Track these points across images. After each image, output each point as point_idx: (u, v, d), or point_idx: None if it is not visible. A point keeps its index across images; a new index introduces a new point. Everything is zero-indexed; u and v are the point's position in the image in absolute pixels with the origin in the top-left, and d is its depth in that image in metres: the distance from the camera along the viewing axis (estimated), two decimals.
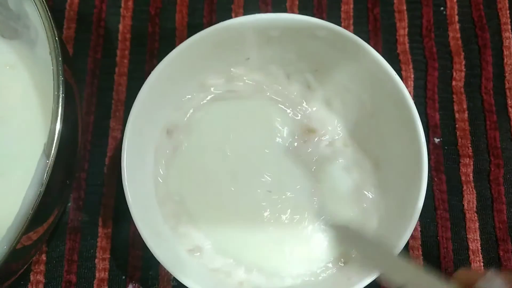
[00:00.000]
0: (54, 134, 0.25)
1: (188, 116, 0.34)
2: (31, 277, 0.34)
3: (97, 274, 0.34)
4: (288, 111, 0.34)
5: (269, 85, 0.35)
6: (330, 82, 0.34)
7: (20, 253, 0.27)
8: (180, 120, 0.34)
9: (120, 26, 0.39)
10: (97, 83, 0.38)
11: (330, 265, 0.32)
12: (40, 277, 0.34)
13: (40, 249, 0.34)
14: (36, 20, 0.28)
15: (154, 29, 0.39)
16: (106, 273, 0.34)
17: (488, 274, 0.23)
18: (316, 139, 0.34)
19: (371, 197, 0.33)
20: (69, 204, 0.35)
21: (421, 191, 0.29)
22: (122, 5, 0.39)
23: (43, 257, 0.34)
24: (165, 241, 0.31)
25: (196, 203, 0.33)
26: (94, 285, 0.34)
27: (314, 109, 0.34)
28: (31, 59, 0.32)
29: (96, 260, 0.34)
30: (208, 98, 0.35)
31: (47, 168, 0.24)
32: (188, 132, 0.34)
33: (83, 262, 0.34)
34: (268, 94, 0.35)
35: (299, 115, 0.34)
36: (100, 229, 0.35)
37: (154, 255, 0.28)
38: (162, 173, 0.33)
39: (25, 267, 0.31)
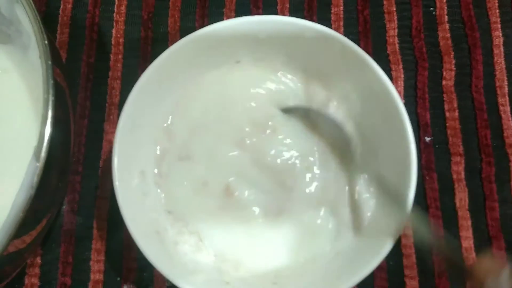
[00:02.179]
0: (44, 136, 0.25)
1: (180, 117, 0.34)
2: (26, 280, 0.34)
3: (92, 276, 0.34)
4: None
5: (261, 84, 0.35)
6: (320, 82, 0.34)
7: (14, 256, 0.27)
8: (172, 122, 0.34)
9: (113, 31, 0.39)
10: (91, 87, 0.38)
11: (319, 264, 0.32)
12: (35, 280, 0.34)
13: (34, 252, 0.34)
14: (28, 25, 0.29)
15: (146, 33, 0.39)
16: (101, 275, 0.35)
17: (504, 274, 0.24)
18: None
19: (362, 196, 0.33)
20: (64, 207, 0.35)
21: (411, 188, 0.30)
22: (115, 10, 0.40)
23: (38, 260, 0.35)
24: (157, 242, 0.31)
25: (189, 203, 0.33)
26: (89, 287, 0.34)
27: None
28: (24, 63, 0.33)
29: (91, 262, 0.35)
30: (201, 100, 0.35)
31: (37, 171, 0.24)
32: (180, 134, 0.34)
33: (78, 265, 0.35)
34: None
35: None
36: (94, 231, 0.35)
37: (145, 255, 0.29)
38: (155, 173, 0.33)
39: (18, 270, 0.31)
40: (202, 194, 0.33)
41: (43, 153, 0.25)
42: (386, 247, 0.29)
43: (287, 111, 0.34)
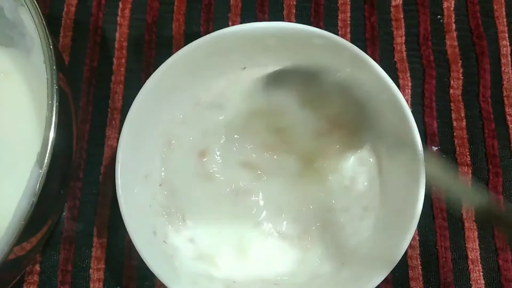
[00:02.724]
0: (48, 143, 0.24)
1: (185, 122, 0.34)
2: None
3: (91, 285, 0.34)
4: None
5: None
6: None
7: (13, 263, 0.27)
8: (178, 128, 0.34)
9: (117, 34, 0.39)
10: (93, 91, 0.37)
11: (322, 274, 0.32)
12: None
13: (33, 259, 0.33)
14: (32, 28, 0.28)
15: (150, 38, 0.39)
16: (101, 284, 0.34)
17: None
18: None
19: (369, 206, 0.33)
20: (64, 214, 0.35)
21: (419, 199, 0.29)
22: (119, 13, 0.39)
23: (37, 267, 0.34)
24: (159, 251, 0.31)
25: (194, 212, 0.33)
26: None
27: None
28: (26, 67, 0.32)
29: (91, 270, 0.34)
30: (204, 105, 0.34)
31: (40, 178, 0.24)
32: (185, 139, 0.34)
33: (78, 273, 0.34)
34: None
35: None
36: (95, 239, 0.35)
37: (147, 264, 0.28)
38: (159, 181, 0.33)
39: (18, 278, 0.30)
40: (211, 202, 0.33)
41: (46, 160, 0.24)
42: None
43: (279, 80, 0.32)
